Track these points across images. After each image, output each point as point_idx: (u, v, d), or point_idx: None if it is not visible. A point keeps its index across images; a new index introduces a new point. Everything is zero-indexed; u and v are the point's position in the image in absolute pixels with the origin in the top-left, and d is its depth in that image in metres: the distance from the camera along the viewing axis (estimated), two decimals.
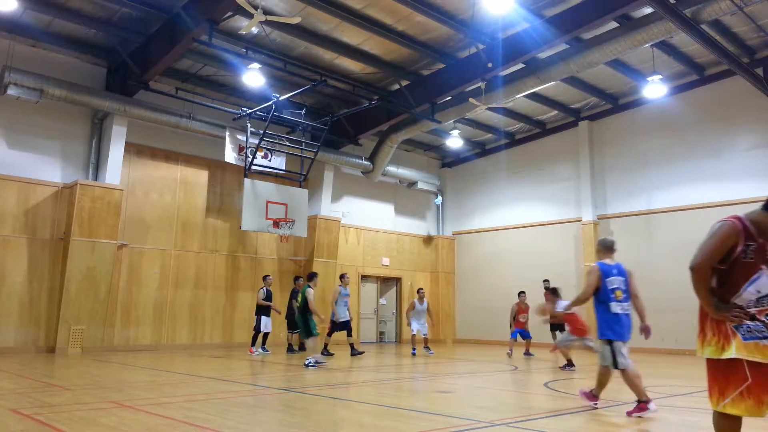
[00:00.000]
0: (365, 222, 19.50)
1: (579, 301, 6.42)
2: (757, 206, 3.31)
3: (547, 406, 6.55)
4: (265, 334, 13.90)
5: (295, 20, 10.88)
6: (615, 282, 6.25)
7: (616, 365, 6.02)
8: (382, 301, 20.16)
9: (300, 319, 11.01)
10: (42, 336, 12.94)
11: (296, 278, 14.81)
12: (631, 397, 6.13)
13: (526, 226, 19.39)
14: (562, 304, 10.44)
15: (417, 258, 20.83)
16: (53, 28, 12.92)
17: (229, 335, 15.87)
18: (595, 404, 6.25)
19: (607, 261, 6.42)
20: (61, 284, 12.99)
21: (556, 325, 15.04)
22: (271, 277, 14.48)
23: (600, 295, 6.22)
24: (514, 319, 14.55)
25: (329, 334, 13.62)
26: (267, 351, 13.80)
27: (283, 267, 17.30)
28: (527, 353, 14.20)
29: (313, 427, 5.26)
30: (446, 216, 21.72)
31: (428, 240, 21.31)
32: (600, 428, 5.38)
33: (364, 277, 19.47)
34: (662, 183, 16.45)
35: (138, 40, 13.26)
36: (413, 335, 14.40)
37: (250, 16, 10.32)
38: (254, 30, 11.97)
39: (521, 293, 14.75)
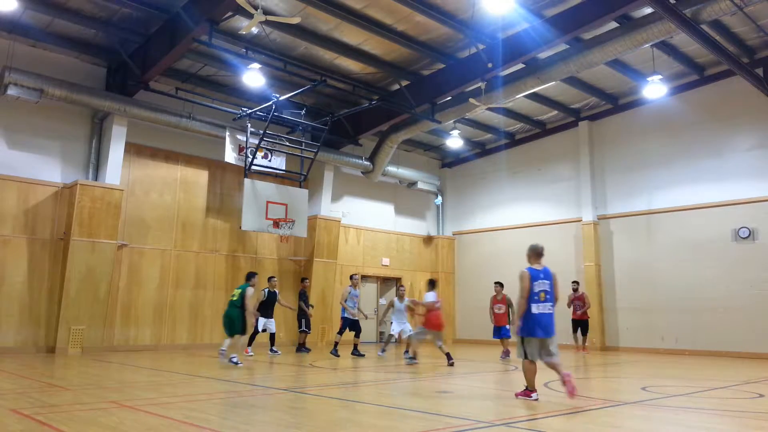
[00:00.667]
0: (365, 222, 19.50)
1: (522, 307, 6.85)
2: (756, 206, 3.32)
3: (547, 407, 6.55)
4: (272, 335, 13.84)
5: (295, 20, 10.88)
6: (541, 285, 6.85)
7: (526, 356, 6.81)
8: (382, 301, 20.14)
9: (237, 316, 10.77)
10: (42, 336, 12.94)
11: (303, 279, 14.73)
12: (630, 397, 6.13)
13: (526, 226, 19.39)
14: (429, 296, 10.72)
15: (417, 258, 20.83)
16: (53, 28, 12.92)
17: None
18: (535, 396, 6.77)
19: (536, 266, 6.99)
20: (61, 284, 12.99)
21: (578, 322, 15.35)
22: (275, 279, 14.16)
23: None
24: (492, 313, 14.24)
25: (340, 333, 13.68)
26: (277, 352, 13.78)
27: (283, 267, 17.30)
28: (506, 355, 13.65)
29: (313, 428, 5.27)
30: (446, 216, 21.72)
31: (428, 240, 21.31)
32: (600, 428, 5.38)
33: (364, 277, 19.45)
34: (662, 183, 16.45)
35: (138, 40, 13.26)
36: (391, 334, 13.95)
37: (250, 16, 10.32)
38: (254, 30, 11.98)
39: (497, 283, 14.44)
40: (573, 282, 15.97)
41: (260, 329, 13.49)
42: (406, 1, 11.96)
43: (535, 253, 7.05)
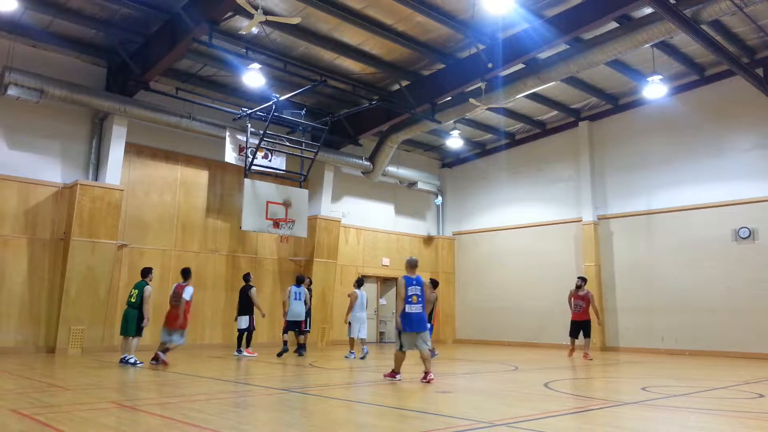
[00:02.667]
0: (365, 222, 19.50)
1: (399, 307, 8.56)
2: (757, 206, 3.32)
3: (547, 407, 6.55)
4: (248, 334, 13.48)
5: (295, 20, 10.88)
6: (413, 290, 8.66)
7: (401, 348, 8.57)
8: (383, 301, 20.15)
9: (133, 317, 10.55)
10: (42, 336, 12.95)
11: (303, 277, 14.33)
12: (630, 398, 6.12)
13: (526, 227, 19.39)
14: (189, 291, 10.82)
15: (417, 258, 20.78)
16: (53, 28, 12.93)
17: (229, 335, 15.84)
18: (399, 377, 8.69)
19: (410, 274, 8.86)
20: (62, 284, 13.00)
21: (578, 324, 13.99)
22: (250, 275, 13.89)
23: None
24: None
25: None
26: (242, 352, 13.54)
27: (283, 267, 17.30)
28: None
29: (313, 428, 5.27)
30: (446, 216, 21.72)
31: (428, 240, 21.31)
32: (600, 428, 5.38)
33: (364, 277, 19.45)
34: (662, 183, 16.45)
35: (138, 40, 13.26)
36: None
37: (250, 16, 10.33)
38: (254, 30, 11.98)
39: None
40: (579, 278, 14.69)
41: (251, 327, 13.24)
42: (407, 1, 11.97)
43: (410, 265, 9.03)
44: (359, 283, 13.93)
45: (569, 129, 18.67)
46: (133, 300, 10.71)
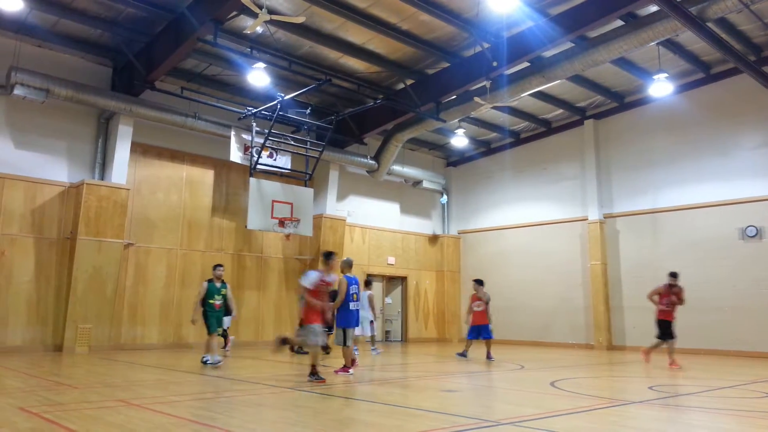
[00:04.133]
0: (370, 221, 19.51)
1: (338, 303, 8.99)
2: (763, 205, 3.30)
3: (553, 405, 6.54)
4: (224, 332, 13.18)
5: (300, 19, 10.89)
6: (353, 289, 9.21)
7: (345, 344, 8.97)
8: (388, 300, 20.16)
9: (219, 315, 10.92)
10: (49, 335, 13.01)
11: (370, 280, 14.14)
12: (637, 397, 6.10)
13: (531, 225, 19.36)
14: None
15: (422, 257, 20.82)
16: (59, 28, 12.97)
17: (235, 333, 15.86)
18: (350, 373, 9.02)
19: (349, 274, 9.36)
20: (68, 283, 13.05)
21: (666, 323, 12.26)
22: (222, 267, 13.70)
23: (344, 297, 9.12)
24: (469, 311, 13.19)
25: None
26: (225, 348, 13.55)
27: (289, 266, 17.32)
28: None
29: (320, 426, 5.28)
30: (451, 215, 21.71)
31: (434, 239, 21.30)
32: (606, 428, 5.37)
33: (370, 276, 19.46)
34: (668, 181, 16.40)
35: (143, 40, 13.30)
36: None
37: (254, 15, 10.35)
38: (259, 29, 11.99)
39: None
40: (670, 274, 12.60)
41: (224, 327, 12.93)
42: (411, 0, 11.95)
43: (348, 265, 9.57)
44: (367, 283, 13.88)
45: (574, 127, 18.62)
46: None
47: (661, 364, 12.22)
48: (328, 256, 8.89)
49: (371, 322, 13.82)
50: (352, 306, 9.06)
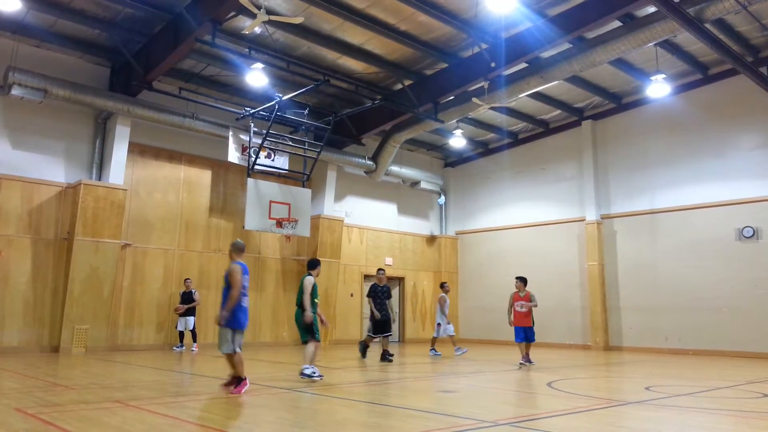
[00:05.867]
0: (368, 221, 19.51)
1: (233, 298, 6.90)
2: (760, 206, 3.30)
3: (551, 406, 6.54)
4: (192, 333, 14.32)
5: (298, 20, 10.88)
6: (246, 280, 7.12)
7: (237, 349, 6.95)
8: None
9: (299, 316, 8.66)
10: (46, 335, 12.98)
11: (379, 270, 13.26)
12: (634, 397, 6.10)
13: (529, 226, 19.38)
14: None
15: (420, 258, 20.83)
16: (57, 28, 12.95)
17: None
18: (248, 384, 6.98)
19: (240, 261, 7.19)
20: (65, 284, 13.03)
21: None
22: (190, 280, 14.59)
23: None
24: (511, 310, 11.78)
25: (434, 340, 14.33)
26: (194, 350, 14.12)
27: (286, 267, 17.31)
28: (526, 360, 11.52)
29: (317, 427, 5.27)
30: (449, 215, 21.72)
31: (431, 240, 21.31)
32: (604, 428, 5.37)
33: (367, 277, 19.46)
34: (666, 182, 16.42)
35: (141, 40, 13.28)
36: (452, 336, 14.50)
37: (253, 16, 10.34)
38: (257, 30, 11.99)
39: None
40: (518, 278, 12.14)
41: (180, 328, 14.16)
42: (409, 0, 11.96)
43: (239, 249, 7.36)
44: (441, 286, 14.51)
45: (572, 128, 18.65)
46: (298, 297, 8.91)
47: (661, 364, 12.23)
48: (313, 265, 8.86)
49: (438, 324, 14.19)
50: (244, 302, 7.04)
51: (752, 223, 14.66)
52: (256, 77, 13.74)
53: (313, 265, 8.96)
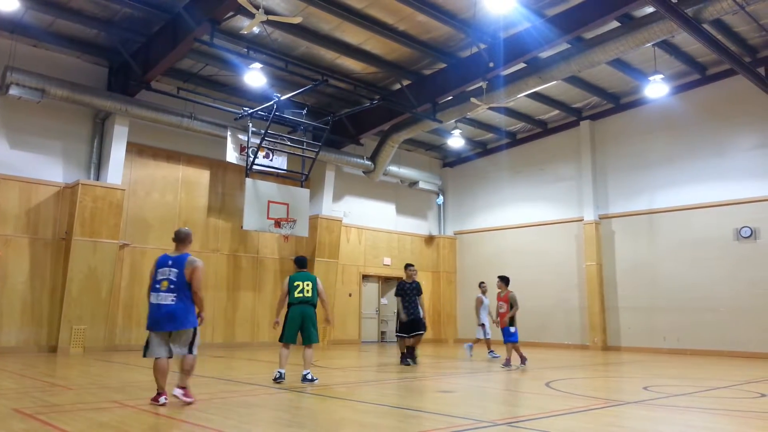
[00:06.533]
0: (367, 222, 19.50)
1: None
2: (758, 206, 3.31)
3: (549, 406, 6.55)
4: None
5: (297, 20, 10.88)
6: (164, 273, 6.14)
7: (145, 354, 6.14)
8: (384, 300, 20.17)
9: (314, 315, 8.50)
10: (44, 335, 12.96)
11: (408, 266, 12.19)
12: (632, 397, 6.10)
13: (527, 226, 19.39)
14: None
15: (418, 258, 20.81)
16: (55, 28, 12.93)
17: (231, 335, 15.88)
18: (162, 401, 5.99)
19: (174, 252, 6.35)
20: (63, 284, 13.01)
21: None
22: None
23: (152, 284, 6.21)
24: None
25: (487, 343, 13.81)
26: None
27: (285, 267, 17.29)
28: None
29: (315, 427, 5.27)
30: (447, 216, 21.72)
31: (429, 240, 21.31)
32: (602, 428, 5.38)
33: (366, 277, 19.47)
34: (664, 182, 16.44)
35: (139, 40, 13.27)
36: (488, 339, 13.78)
37: (251, 16, 10.33)
38: (255, 30, 11.97)
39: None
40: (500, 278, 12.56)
41: None
42: (408, 0, 11.96)
43: (178, 238, 6.41)
44: (480, 285, 14.21)
45: (570, 128, 18.66)
46: (308, 295, 8.46)
47: (659, 364, 12.25)
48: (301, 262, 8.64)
49: (482, 325, 13.66)
50: (153, 298, 6.11)
51: (750, 223, 14.68)
52: (255, 77, 13.73)
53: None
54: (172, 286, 6.09)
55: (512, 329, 11.12)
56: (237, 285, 16.20)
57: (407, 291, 11.75)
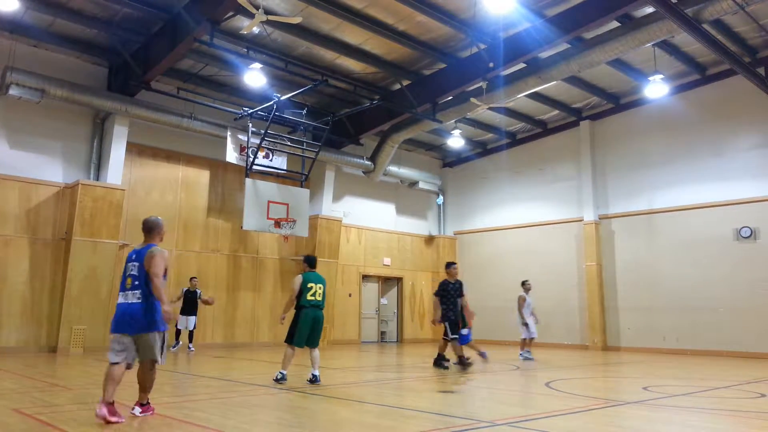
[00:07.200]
0: (366, 222, 19.51)
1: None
2: (758, 206, 3.31)
3: (549, 406, 6.55)
4: (190, 333, 14.23)
5: (296, 20, 10.88)
6: (130, 269, 5.50)
7: (113, 361, 5.34)
8: (384, 300, 20.18)
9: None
10: (44, 336, 12.96)
11: (451, 264, 11.56)
12: (632, 397, 6.11)
13: (527, 226, 19.39)
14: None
15: (418, 258, 20.83)
16: (55, 28, 12.93)
17: (231, 335, 15.88)
18: (117, 420, 5.15)
19: (140, 246, 5.71)
20: (63, 284, 13.01)
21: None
22: (196, 279, 14.54)
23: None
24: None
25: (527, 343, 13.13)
26: (191, 349, 14.17)
27: (285, 267, 17.30)
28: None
29: (314, 427, 5.27)
30: (447, 216, 21.72)
31: (429, 240, 21.31)
32: (602, 428, 5.38)
33: (366, 277, 19.47)
34: (663, 183, 16.44)
35: (139, 40, 13.27)
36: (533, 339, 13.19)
37: (251, 16, 10.33)
38: (255, 30, 11.98)
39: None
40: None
41: (180, 327, 14.06)
42: (408, 0, 11.96)
43: (143, 228, 5.85)
44: (523, 284, 13.70)
45: (570, 128, 18.66)
46: (320, 299, 8.36)
47: (659, 364, 12.25)
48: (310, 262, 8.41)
49: (525, 324, 13.12)
50: (120, 298, 5.46)
51: (750, 223, 14.68)
52: (255, 77, 13.73)
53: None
54: (136, 283, 5.38)
55: (464, 331, 11.02)
56: (237, 285, 16.20)
57: (450, 291, 10.95)
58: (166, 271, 5.59)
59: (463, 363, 10.50)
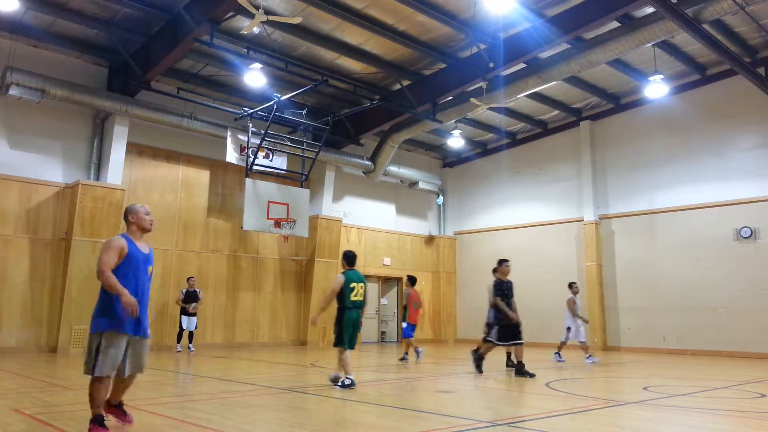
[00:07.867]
0: (366, 222, 19.50)
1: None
2: (758, 206, 3.30)
3: (549, 406, 6.55)
4: (190, 333, 14.24)
5: (297, 20, 10.89)
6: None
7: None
8: (384, 301, 20.16)
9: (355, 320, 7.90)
10: (44, 336, 12.96)
11: (503, 261, 10.65)
12: (632, 397, 6.10)
13: (527, 226, 19.38)
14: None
15: (418, 258, 20.82)
16: (55, 28, 12.94)
17: (231, 335, 15.88)
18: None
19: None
20: (63, 284, 13.01)
21: None
22: (194, 278, 14.56)
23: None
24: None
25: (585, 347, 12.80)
26: (191, 349, 14.16)
27: (285, 267, 17.30)
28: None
29: (315, 427, 5.27)
30: (447, 216, 21.72)
31: (429, 240, 21.31)
32: (602, 428, 5.38)
33: (366, 277, 19.43)
34: (664, 183, 16.44)
35: (139, 40, 13.27)
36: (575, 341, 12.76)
37: (251, 16, 10.34)
38: (255, 30, 11.98)
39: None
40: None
41: (184, 327, 14.09)
42: (408, 1, 11.97)
43: (124, 217, 5.22)
44: (570, 286, 13.38)
45: (570, 129, 18.66)
46: (361, 299, 7.98)
47: (659, 364, 12.25)
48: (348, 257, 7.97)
49: (568, 328, 12.95)
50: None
51: (750, 223, 14.68)
52: (255, 77, 13.74)
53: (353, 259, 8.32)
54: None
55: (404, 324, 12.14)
56: (237, 285, 16.20)
57: (504, 292, 10.15)
58: (131, 262, 5.02)
59: (520, 369, 9.62)
